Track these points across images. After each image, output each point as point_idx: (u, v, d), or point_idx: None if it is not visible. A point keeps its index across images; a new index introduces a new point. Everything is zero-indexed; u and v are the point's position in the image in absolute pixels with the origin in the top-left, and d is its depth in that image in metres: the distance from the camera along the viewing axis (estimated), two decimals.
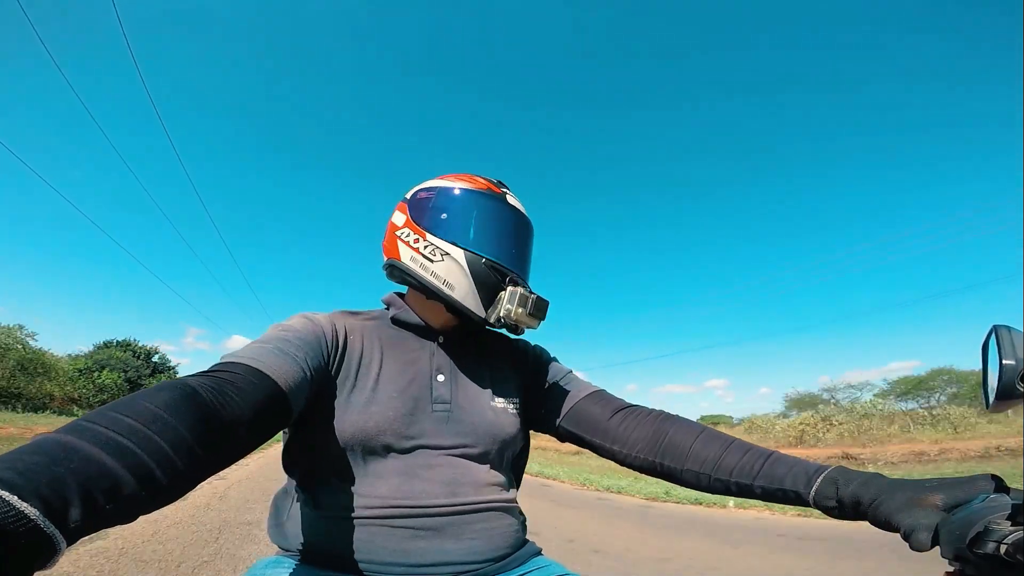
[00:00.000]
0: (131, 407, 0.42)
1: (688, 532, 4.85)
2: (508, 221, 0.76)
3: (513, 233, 0.76)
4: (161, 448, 0.41)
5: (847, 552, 3.73)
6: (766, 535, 4.58)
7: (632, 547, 4.16)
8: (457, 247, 0.72)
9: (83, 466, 0.35)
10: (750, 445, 0.66)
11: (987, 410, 0.46)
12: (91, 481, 0.35)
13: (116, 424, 0.40)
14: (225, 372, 0.55)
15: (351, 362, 0.72)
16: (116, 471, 0.37)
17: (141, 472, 0.38)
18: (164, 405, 0.44)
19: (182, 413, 0.44)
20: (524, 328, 0.73)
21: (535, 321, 0.72)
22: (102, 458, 0.37)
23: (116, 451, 0.38)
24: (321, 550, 0.66)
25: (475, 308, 0.72)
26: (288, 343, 0.64)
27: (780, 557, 3.77)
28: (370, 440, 0.67)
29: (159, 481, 0.40)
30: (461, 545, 0.65)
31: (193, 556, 3.16)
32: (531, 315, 0.70)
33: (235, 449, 0.50)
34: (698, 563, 3.64)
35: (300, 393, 0.61)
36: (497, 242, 0.74)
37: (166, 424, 0.42)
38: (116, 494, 0.36)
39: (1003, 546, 0.37)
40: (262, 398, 0.55)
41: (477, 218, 0.74)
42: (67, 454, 0.35)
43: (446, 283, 0.71)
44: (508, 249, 0.75)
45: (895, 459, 12.52)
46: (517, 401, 0.81)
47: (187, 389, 0.47)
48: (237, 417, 0.50)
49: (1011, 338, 0.44)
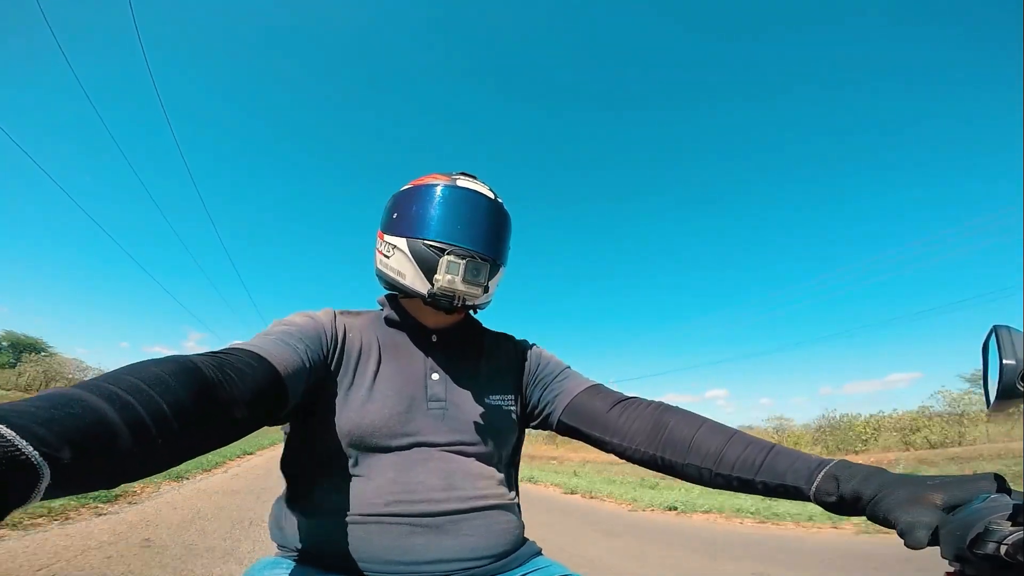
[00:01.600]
0: (137, 370, 0.44)
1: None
2: (450, 201, 0.76)
3: (456, 210, 0.76)
4: (161, 408, 0.42)
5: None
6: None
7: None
8: (402, 238, 0.75)
9: (83, 413, 0.36)
10: (752, 438, 0.65)
11: (987, 410, 0.46)
12: (89, 427, 0.36)
13: (120, 382, 0.41)
14: (226, 354, 0.57)
15: (349, 360, 0.74)
16: (115, 423, 0.38)
17: (138, 428, 0.39)
18: (168, 371, 0.46)
19: (184, 381, 0.46)
20: (466, 299, 0.72)
21: (473, 288, 0.70)
22: (103, 408, 0.38)
23: (117, 404, 0.39)
24: (320, 550, 0.67)
25: (420, 287, 0.73)
26: (289, 335, 0.68)
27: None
28: (367, 437, 0.68)
29: (154, 440, 0.41)
30: (459, 542, 0.65)
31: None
32: (466, 282, 0.69)
33: (230, 427, 0.52)
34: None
35: (298, 382, 0.63)
36: (434, 222, 0.75)
37: (168, 387, 0.44)
38: (110, 446, 0.37)
39: (1003, 547, 0.37)
40: (260, 380, 0.57)
41: (418, 207, 0.76)
42: (69, 402, 0.36)
43: (399, 273, 0.75)
44: (449, 226, 0.74)
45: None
46: (512, 398, 0.82)
47: (190, 364, 0.49)
48: (235, 396, 0.52)
49: (1011, 338, 0.44)
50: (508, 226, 0.81)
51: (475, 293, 0.71)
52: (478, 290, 0.71)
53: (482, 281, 0.71)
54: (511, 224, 0.82)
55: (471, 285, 0.70)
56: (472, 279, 0.70)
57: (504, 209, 0.80)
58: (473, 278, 0.70)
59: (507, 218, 0.81)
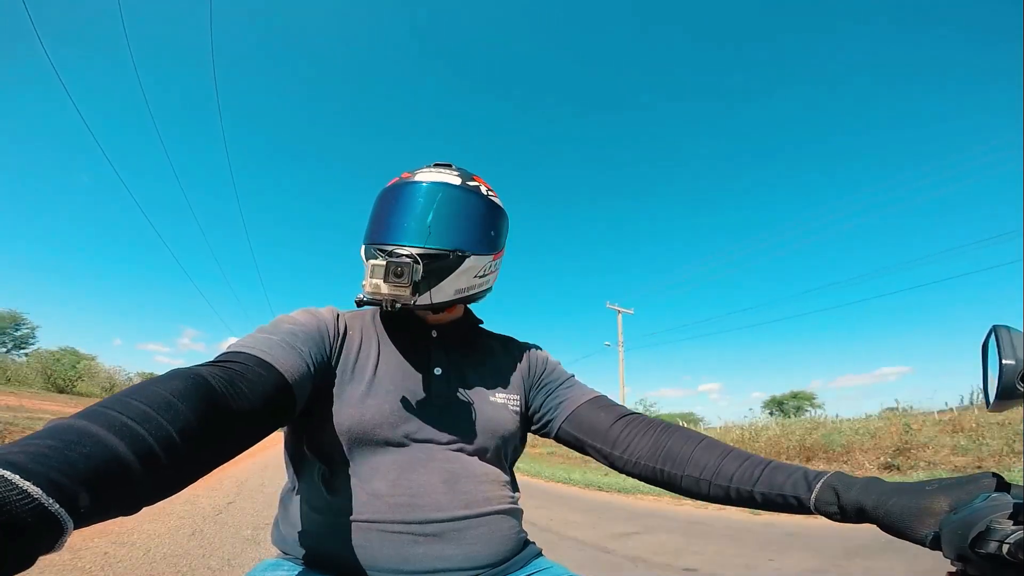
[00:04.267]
0: (143, 393, 0.43)
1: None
2: (387, 198, 0.74)
3: (388, 207, 0.73)
4: (170, 434, 0.41)
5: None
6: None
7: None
8: (362, 246, 0.75)
9: (95, 451, 0.36)
10: (749, 454, 0.66)
11: (988, 410, 0.47)
12: (102, 466, 0.35)
13: (128, 409, 0.41)
14: (236, 363, 0.56)
15: (349, 355, 0.73)
16: (125, 456, 0.37)
17: (149, 457, 0.39)
18: (175, 392, 0.45)
19: (193, 402, 0.45)
20: (396, 300, 0.65)
21: (397, 290, 0.63)
22: (114, 443, 0.37)
23: (127, 436, 0.38)
24: (321, 553, 0.66)
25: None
26: (295, 337, 0.66)
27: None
28: (367, 433, 0.67)
29: (166, 468, 0.41)
30: (462, 550, 0.65)
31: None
32: (390, 283, 0.63)
33: (242, 439, 0.51)
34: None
35: (304, 388, 0.63)
36: (370, 223, 0.73)
37: (177, 411, 0.43)
38: (124, 479, 0.37)
39: (1005, 545, 0.37)
40: (270, 391, 0.56)
41: (372, 212, 0.75)
42: (79, 438, 0.36)
43: (366, 279, 0.71)
44: (376, 225, 0.72)
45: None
46: (517, 398, 0.81)
47: (199, 379, 0.48)
48: (246, 409, 0.51)
49: (1011, 338, 0.44)
50: (468, 208, 0.74)
51: (401, 294, 0.64)
52: (405, 291, 0.64)
53: (406, 281, 0.63)
54: (480, 206, 0.75)
55: (396, 287, 0.63)
56: (396, 280, 0.63)
57: (460, 191, 0.74)
58: (397, 278, 0.63)
59: (465, 200, 0.74)
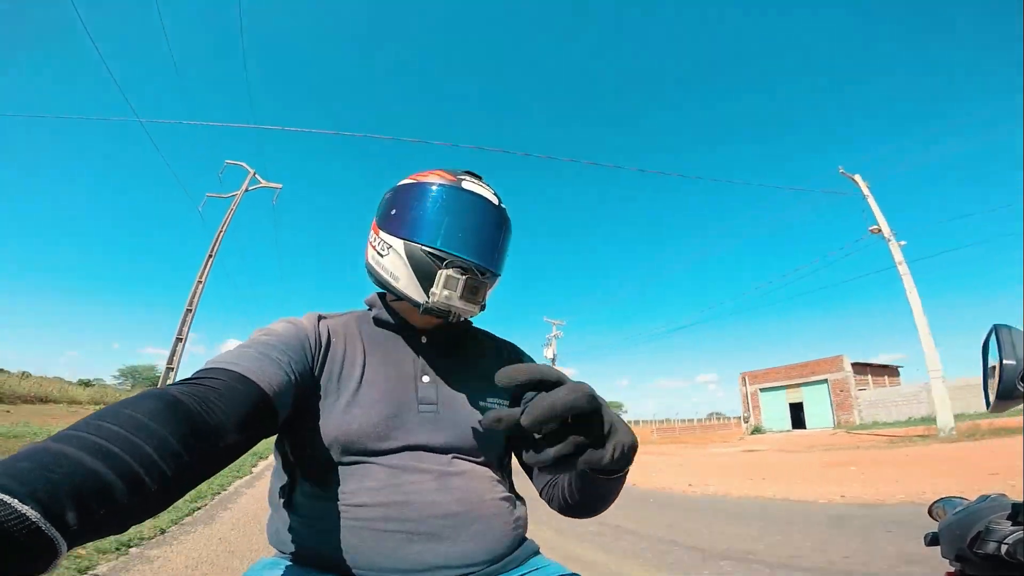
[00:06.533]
0: (114, 415, 0.43)
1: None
2: (453, 206, 0.72)
3: (458, 217, 0.71)
4: (147, 454, 0.41)
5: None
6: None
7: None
8: (399, 238, 0.71)
9: (74, 470, 0.35)
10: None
11: (988, 410, 0.47)
12: (84, 485, 0.35)
13: (100, 431, 0.40)
14: (208, 379, 0.55)
15: (334, 364, 0.72)
16: (106, 476, 0.37)
17: (129, 477, 0.39)
18: (147, 413, 0.44)
19: (167, 420, 0.45)
20: (462, 314, 0.70)
21: (470, 306, 0.68)
22: (91, 463, 0.37)
23: (104, 456, 0.38)
24: (317, 553, 0.65)
25: (416, 295, 0.70)
26: (271, 347, 0.64)
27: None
28: (354, 443, 0.66)
29: (148, 487, 0.40)
30: (457, 548, 0.64)
31: None
32: (463, 299, 0.67)
33: (223, 454, 0.51)
34: None
35: (285, 397, 0.61)
36: (435, 227, 0.70)
37: (151, 431, 0.43)
38: (108, 498, 0.37)
39: (1004, 546, 0.37)
40: (247, 403, 0.55)
41: (417, 207, 0.72)
42: (57, 460, 0.36)
43: (392, 275, 0.72)
44: (450, 234, 0.70)
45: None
46: (507, 403, 0.78)
47: (169, 398, 0.47)
48: (223, 423, 0.50)
49: (1011, 338, 0.44)
50: (509, 235, 0.77)
51: (472, 311, 0.69)
52: (476, 308, 0.69)
53: (480, 300, 0.68)
54: (511, 232, 0.78)
55: (469, 303, 0.67)
56: (471, 296, 0.67)
57: (507, 216, 0.77)
58: (472, 295, 0.67)
59: (510, 226, 0.77)
